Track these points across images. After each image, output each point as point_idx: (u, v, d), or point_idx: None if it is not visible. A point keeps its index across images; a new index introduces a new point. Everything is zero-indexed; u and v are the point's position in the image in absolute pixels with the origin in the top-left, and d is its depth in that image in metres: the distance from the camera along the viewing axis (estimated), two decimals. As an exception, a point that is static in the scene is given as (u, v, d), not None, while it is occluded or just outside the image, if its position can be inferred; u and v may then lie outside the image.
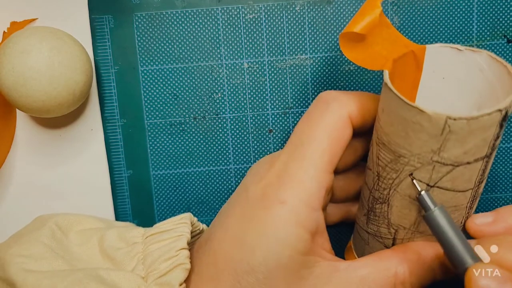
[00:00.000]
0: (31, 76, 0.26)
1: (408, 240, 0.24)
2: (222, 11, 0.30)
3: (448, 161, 0.21)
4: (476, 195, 0.23)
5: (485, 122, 0.20)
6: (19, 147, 0.31)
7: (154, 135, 0.31)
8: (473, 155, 0.21)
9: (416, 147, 0.21)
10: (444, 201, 0.22)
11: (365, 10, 0.22)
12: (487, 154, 0.21)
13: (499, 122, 0.20)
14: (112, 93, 0.31)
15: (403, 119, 0.21)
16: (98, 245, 0.26)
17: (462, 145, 0.20)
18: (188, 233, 0.25)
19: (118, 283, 0.23)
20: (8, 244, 0.26)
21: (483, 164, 0.21)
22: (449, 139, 0.20)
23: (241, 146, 0.31)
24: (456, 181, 0.21)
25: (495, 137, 0.21)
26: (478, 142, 0.20)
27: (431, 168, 0.21)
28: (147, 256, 0.24)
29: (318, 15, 0.30)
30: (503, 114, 0.20)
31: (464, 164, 0.21)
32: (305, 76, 0.31)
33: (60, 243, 0.26)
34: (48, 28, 0.27)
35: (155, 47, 0.30)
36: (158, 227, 0.26)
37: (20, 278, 0.23)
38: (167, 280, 0.23)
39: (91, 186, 0.31)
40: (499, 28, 0.30)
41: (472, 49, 0.23)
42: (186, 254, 0.24)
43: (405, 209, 0.23)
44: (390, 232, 0.24)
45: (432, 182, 0.21)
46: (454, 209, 0.23)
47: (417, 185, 0.22)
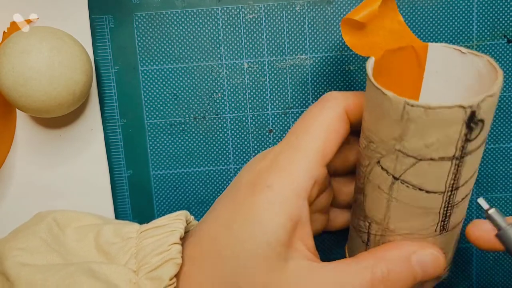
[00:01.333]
0: (31, 76, 0.26)
1: (380, 237, 0.24)
2: (222, 11, 0.30)
3: (410, 152, 0.20)
4: (452, 202, 0.22)
5: (445, 115, 0.19)
6: (19, 147, 0.31)
7: (154, 135, 0.31)
8: (437, 151, 0.20)
9: (382, 133, 0.21)
10: (413, 199, 0.22)
11: (369, 1, 0.23)
12: (456, 156, 0.20)
13: (464, 121, 0.19)
14: (112, 93, 0.31)
15: (373, 103, 0.21)
16: (94, 240, 0.26)
17: (422, 136, 0.20)
18: (181, 228, 0.25)
19: (109, 276, 0.23)
20: (7, 239, 0.26)
21: (453, 167, 0.21)
22: (409, 127, 0.20)
23: (241, 146, 0.31)
24: (421, 177, 0.21)
25: (463, 138, 0.20)
26: (441, 138, 0.20)
27: (395, 158, 0.21)
28: (140, 251, 0.25)
29: (318, 15, 0.30)
30: (467, 113, 0.19)
31: (428, 159, 0.20)
32: (305, 76, 0.31)
33: (57, 238, 0.26)
34: (48, 28, 0.27)
35: (155, 47, 0.30)
36: (153, 223, 0.26)
37: (14, 272, 0.23)
38: (158, 274, 0.23)
39: (91, 186, 0.31)
40: (499, 28, 0.30)
41: (474, 52, 0.22)
42: (178, 249, 0.24)
43: (376, 200, 0.23)
44: (365, 225, 0.24)
45: (397, 173, 0.21)
46: (424, 211, 0.22)
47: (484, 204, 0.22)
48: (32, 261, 0.24)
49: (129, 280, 0.23)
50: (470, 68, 0.23)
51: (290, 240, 0.23)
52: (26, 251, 0.24)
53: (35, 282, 0.23)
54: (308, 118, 0.24)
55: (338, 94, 0.25)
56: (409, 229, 0.23)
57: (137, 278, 0.23)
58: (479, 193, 0.32)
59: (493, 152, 0.31)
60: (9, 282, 0.24)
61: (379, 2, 0.23)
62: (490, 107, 0.20)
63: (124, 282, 0.23)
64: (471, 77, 0.23)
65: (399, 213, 0.22)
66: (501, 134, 0.31)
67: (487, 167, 0.31)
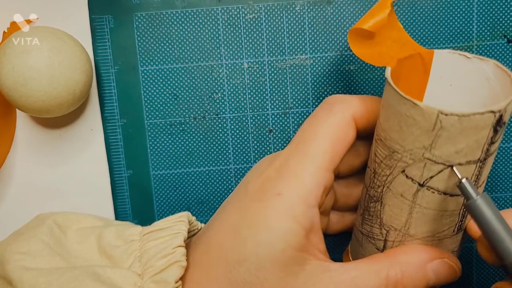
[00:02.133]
0: (31, 76, 0.26)
1: (399, 243, 0.24)
2: (222, 11, 0.30)
3: (440, 159, 0.20)
4: None
5: (477, 121, 0.19)
6: (19, 147, 0.31)
7: (154, 135, 0.31)
8: (465, 156, 0.20)
9: (409, 143, 0.21)
10: (437, 204, 0.22)
11: (376, 9, 0.23)
12: (480, 159, 0.21)
13: (493, 125, 0.20)
14: (112, 93, 0.31)
15: (398, 113, 0.21)
16: (96, 243, 0.26)
17: (454, 143, 0.20)
18: (185, 231, 0.25)
19: (114, 280, 0.23)
20: (7, 242, 0.26)
21: (477, 169, 0.21)
22: (441, 136, 0.20)
23: (241, 146, 0.31)
24: (448, 182, 0.21)
25: (489, 142, 0.20)
26: (470, 143, 0.20)
27: (423, 166, 0.21)
28: (143, 254, 0.24)
29: (318, 15, 0.30)
30: (496, 117, 0.20)
31: (456, 165, 0.21)
32: (305, 76, 0.31)
33: (58, 241, 0.26)
34: (48, 28, 0.27)
35: (155, 47, 0.30)
36: (156, 225, 0.26)
37: (17, 276, 0.23)
38: (163, 277, 0.23)
39: (91, 186, 0.31)
40: (499, 28, 0.30)
41: (480, 57, 0.23)
42: (183, 251, 0.24)
43: (396, 208, 0.23)
44: (382, 233, 0.24)
45: (423, 180, 0.21)
46: (446, 214, 0.22)
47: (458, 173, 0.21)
48: (35, 265, 0.24)
49: (134, 283, 0.23)
50: (476, 72, 0.23)
51: (304, 246, 0.23)
52: (29, 255, 0.24)
53: (39, 286, 0.23)
54: (316, 122, 0.24)
55: (344, 98, 0.25)
56: (429, 232, 0.23)
57: (142, 281, 0.23)
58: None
59: (493, 152, 0.31)
60: (12, 286, 0.23)
61: (388, 10, 0.23)
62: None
63: (129, 286, 0.23)
64: (476, 81, 0.23)
65: (422, 218, 0.23)
66: (501, 134, 0.31)
67: (487, 167, 0.31)
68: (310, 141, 0.24)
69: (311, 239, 0.23)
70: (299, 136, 0.24)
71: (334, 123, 0.24)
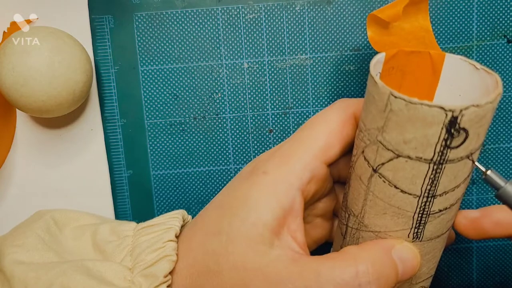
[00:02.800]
0: (31, 76, 0.26)
1: (356, 231, 0.24)
2: (222, 11, 0.30)
3: (389, 145, 0.20)
4: (427, 210, 0.22)
5: (424, 114, 0.19)
6: (19, 147, 0.31)
7: (154, 135, 0.31)
8: (415, 150, 0.20)
9: (368, 121, 0.21)
10: (388, 196, 0.22)
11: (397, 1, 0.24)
12: (434, 160, 0.20)
13: (445, 125, 0.19)
14: (112, 93, 0.31)
15: (367, 91, 0.21)
16: (91, 239, 0.26)
17: (402, 131, 0.20)
18: (177, 226, 0.25)
19: (104, 273, 0.23)
20: (5, 236, 0.26)
21: (430, 171, 0.20)
22: (390, 119, 0.20)
23: (241, 146, 0.31)
24: (397, 174, 0.21)
25: (443, 144, 0.19)
26: (419, 137, 0.20)
27: (376, 149, 0.21)
28: (135, 248, 0.25)
29: (318, 15, 0.30)
30: (448, 117, 0.19)
31: (405, 157, 0.20)
32: (305, 76, 0.31)
33: (54, 237, 0.26)
34: (48, 28, 0.27)
35: (155, 47, 0.30)
36: (150, 221, 0.26)
37: (9, 270, 0.24)
38: (152, 271, 0.23)
39: (91, 186, 0.31)
40: (499, 28, 0.30)
41: (487, 69, 0.22)
42: (173, 246, 0.24)
43: (356, 191, 0.23)
44: (345, 216, 0.24)
45: (376, 166, 0.21)
46: (397, 211, 0.22)
47: (480, 166, 0.21)
48: (28, 258, 0.24)
49: (124, 277, 0.23)
50: (480, 84, 0.23)
51: (278, 227, 0.22)
52: (22, 248, 0.25)
53: (28, 281, 0.23)
54: (316, 116, 0.25)
55: (348, 99, 0.25)
56: (382, 227, 0.23)
57: (132, 275, 0.23)
58: (479, 193, 0.32)
59: (493, 152, 0.31)
60: (6, 280, 0.24)
61: (405, 3, 0.23)
62: (476, 118, 0.19)
63: (119, 279, 0.23)
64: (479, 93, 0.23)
65: (374, 208, 0.22)
66: (501, 134, 0.31)
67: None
68: (306, 130, 0.24)
69: (288, 223, 0.23)
70: (298, 129, 0.25)
71: (333, 117, 0.24)
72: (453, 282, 0.33)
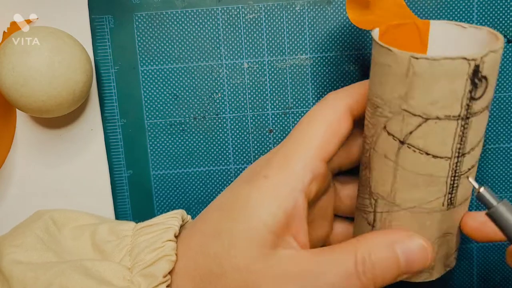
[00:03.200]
0: (31, 76, 0.26)
1: (387, 214, 0.23)
2: (222, 11, 0.30)
3: (416, 110, 0.20)
4: (459, 171, 0.22)
5: (449, 68, 0.19)
6: (19, 147, 0.31)
7: (154, 135, 0.31)
8: (443, 109, 0.20)
9: (387, 93, 0.21)
10: (419, 165, 0.21)
11: None
12: (461, 115, 0.20)
13: (469, 75, 0.19)
14: (112, 93, 0.31)
15: (378, 64, 0.21)
16: (90, 239, 0.26)
17: (428, 92, 0.20)
18: (176, 226, 0.25)
19: (103, 273, 0.23)
20: (4, 236, 0.26)
21: (459, 128, 0.20)
22: (414, 83, 0.20)
23: (241, 146, 0.31)
24: (427, 139, 0.21)
25: (468, 96, 0.20)
26: (446, 93, 0.20)
27: (401, 119, 0.21)
28: (134, 247, 0.25)
29: (318, 15, 0.30)
30: (471, 66, 0.19)
31: (434, 118, 0.20)
32: (305, 76, 0.31)
33: (53, 237, 0.26)
34: (48, 28, 0.27)
35: (155, 47, 0.30)
36: (149, 221, 0.26)
37: (8, 270, 0.24)
38: (151, 271, 0.23)
39: (91, 186, 0.31)
40: (499, 28, 0.30)
41: (475, 26, 0.22)
42: (172, 246, 0.24)
43: (382, 172, 0.23)
44: (371, 203, 0.24)
45: (403, 136, 0.21)
46: (430, 179, 0.21)
47: (474, 183, 0.21)
48: (26, 258, 0.24)
49: (123, 277, 0.23)
50: (472, 42, 0.23)
51: (281, 230, 0.22)
52: (21, 248, 0.25)
53: (27, 281, 0.23)
54: (310, 115, 0.25)
55: (338, 91, 0.25)
56: (415, 201, 0.22)
57: (131, 275, 0.23)
58: (479, 193, 0.32)
59: (493, 152, 0.31)
60: (6, 280, 0.24)
61: None
62: (494, 63, 0.20)
63: (118, 279, 0.23)
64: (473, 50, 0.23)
65: (406, 183, 0.22)
66: (501, 134, 0.31)
67: (487, 167, 0.31)
68: (302, 131, 0.24)
69: (291, 226, 0.23)
70: (294, 129, 0.25)
71: (327, 114, 0.24)
72: (453, 282, 0.33)
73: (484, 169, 0.31)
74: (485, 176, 0.31)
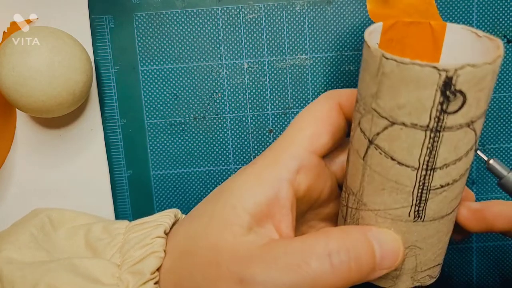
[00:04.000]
0: (31, 76, 0.26)
1: (355, 211, 0.23)
2: (222, 11, 0.30)
3: (383, 112, 0.20)
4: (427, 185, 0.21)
5: (417, 74, 0.18)
6: (19, 147, 0.31)
7: (154, 135, 0.31)
8: (409, 115, 0.19)
9: (363, 89, 0.20)
10: (385, 169, 0.21)
11: None
12: (430, 127, 0.19)
13: (439, 87, 0.18)
14: (112, 93, 0.31)
15: (362, 58, 0.21)
16: (84, 238, 0.26)
17: (395, 95, 0.19)
18: (167, 223, 0.25)
19: (91, 271, 0.23)
20: (1, 235, 0.26)
21: (428, 140, 0.19)
22: (383, 83, 0.19)
23: (241, 146, 0.31)
24: (393, 144, 0.20)
25: (439, 108, 0.19)
26: (413, 100, 0.19)
27: (371, 118, 0.20)
28: (124, 244, 0.25)
29: (318, 15, 0.30)
30: (442, 77, 0.18)
31: (400, 124, 0.19)
32: (305, 76, 0.31)
33: (47, 236, 0.26)
34: (48, 28, 0.27)
35: (155, 47, 0.30)
36: (142, 219, 0.26)
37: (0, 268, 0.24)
38: (139, 268, 0.23)
39: (91, 186, 0.31)
40: (499, 28, 0.30)
41: (489, 36, 0.21)
42: (161, 242, 0.24)
43: (354, 167, 0.22)
44: (345, 197, 0.24)
45: (371, 136, 0.20)
46: (396, 186, 0.21)
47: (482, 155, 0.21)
48: (19, 256, 0.24)
49: (112, 274, 0.23)
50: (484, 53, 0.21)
51: (260, 215, 0.22)
52: (14, 245, 0.25)
53: (15, 280, 0.23)
54: (302, 112, 0.25)
55: (334, 90, 0.25)
56: (381, 205, 0.22)
57: (120, 272, 0.23)
58: (479, 194, 0.32)
59: (493, 152, 0.31)
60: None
61: None
62: (474, 80, 0.18)
63: (106, 276, 0.23)
64: None
65: (372, 184, 0.21)
66: (501, 134, 0.31)
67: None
68: (293, 125, 0.24)
69: (273, 214, 0.22)
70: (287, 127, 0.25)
71: (316, 106, 0.24)
72: (453, 282, 0.33)
73: (485, 169, 0.31)
74: (485, 176, 0.31)
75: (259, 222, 0.22)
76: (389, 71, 0.19)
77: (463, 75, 0.18)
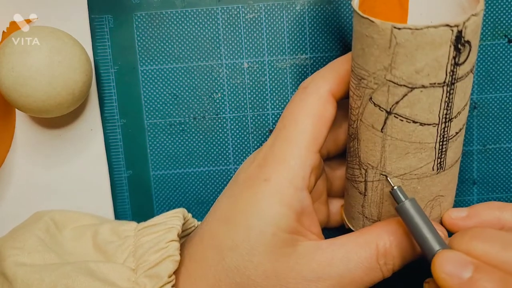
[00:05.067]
0: (31, 76, 0.25)
1: (378, 183, 0.24)
2: (222, 11, 0.30)
3: (401, 80, 0.20)
4: (447, 136, 0.22)
5: (432, 36, 0.19)
6: (19, 147, 0.31)
7: (154, 135, 0.31)
8: (428, 77, 0.20)
9: (371, 65, 0.21)
10: (407, 134, 0.22)
11: None
12: (447, 82, 0.20)
13: (452, 42, 0.19)
14: (112, 93, 0.31)
15: (360, 35, 0.21)
16: (92, 239, 0.26)
17: (412, 61, 0.20)
18: (179, 225, 0.25)
19: (107, 275, 0.23)
20: (5, 238, 0.26)
21: (445, 94, 0.21)
22: (398, 53, 0.20)
23: (241, 146, 0.31)
24: (414, 108, 0.21)
25: (453, 62, 0.20)
26: (430, 62, 0.20)
27: (387, 90, 0.21)
28: (137, 248, 0.25)
29: (318, 15, 0.30)
30: (454, 32, 0.19)
31: (420, 87, 0.20)
32: (305, 76, 0.31)
33: (54, 238, 0.26)
34: (48, 28, 0.27)
35: (155, 47, 0.30)
36: (150, 221, 0.26)
37: (11, 272, 0.24)
38: (156, 272, 0.23)
39: (91, 186, 0.31)
40: (500, 28, 0.30)
41: None
42: (176, 246, 0.24)
43: (370, 142, 0.23)
44: (361, 173, 0.24)
45: (389, 107, 0.21)
46: (419, 147, 0.22)
47: (390, 181, 0.22)
48: (29, 260, 0.24)
49: (128, 278, 0.23)
50: (453, 6, 0.23)
51: (295, 228, 0.23)
52: (23, 250, 0.25)
53: (31, 282, 0.23)
54: (293, 106, 0.25)
55: (316, 76, 0.25)
56: (405, 168, 0.23)
57: (136, 276, 0.23)
58: (479, 193, 0.32)
59: (493, 152, 0.31)
60: (8, 282, 0.24)
61: None
62: (476, 27, 0.20)
63: (123, 281, 0.23)
64: (454, 13, 0.23)
65: (395, 152, 0.22)
66: (501, 134, 0.31)
67: (487, 167, 0.31)
68: (290, 125, 0.24)
69: (303, 221, 0.23)
70: (280, 123, 0.25)
71: (310, 104, 0.24)
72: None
73: (485, 169, 0.31)
74: (485, 176, 0.31)
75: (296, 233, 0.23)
76: (404, 40, 0.19)
77: (469, 26, 0.19)
